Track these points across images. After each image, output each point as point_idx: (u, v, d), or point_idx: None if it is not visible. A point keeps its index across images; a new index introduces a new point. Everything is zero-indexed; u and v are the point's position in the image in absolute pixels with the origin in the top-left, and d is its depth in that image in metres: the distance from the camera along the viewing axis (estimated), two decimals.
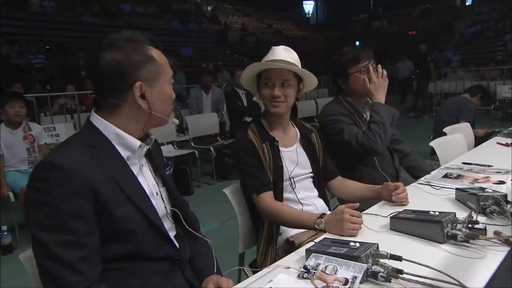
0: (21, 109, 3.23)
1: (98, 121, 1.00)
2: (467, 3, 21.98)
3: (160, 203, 1.08)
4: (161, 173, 1.15)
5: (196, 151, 4.40)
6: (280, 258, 1.16)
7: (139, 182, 1.03)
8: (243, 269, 1.53)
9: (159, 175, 1.13)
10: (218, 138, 5.11)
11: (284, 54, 1.51)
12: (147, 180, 1.07)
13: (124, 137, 1.01)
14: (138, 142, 1.02)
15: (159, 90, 1.02)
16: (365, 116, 1.99)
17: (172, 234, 1.11)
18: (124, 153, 1.01)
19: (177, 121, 1.15)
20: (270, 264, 1.31)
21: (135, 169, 1.03)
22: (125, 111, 1.00)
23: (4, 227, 2.90)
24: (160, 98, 1.03)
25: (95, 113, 1.02)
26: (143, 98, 0.99)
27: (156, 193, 1.08)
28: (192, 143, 4.72)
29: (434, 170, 1.94)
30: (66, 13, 14.39)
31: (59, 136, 4.32)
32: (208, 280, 1.14)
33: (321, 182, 1.67)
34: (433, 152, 3.56)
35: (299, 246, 1.37)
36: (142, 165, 1.07)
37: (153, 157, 1.13)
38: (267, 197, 1.47)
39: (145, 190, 1.03)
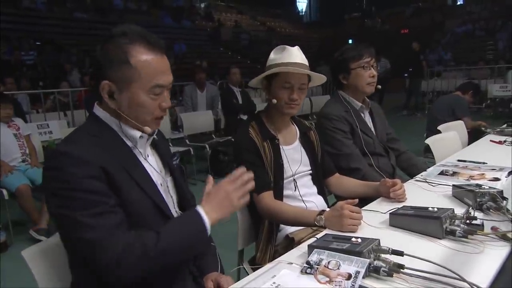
0: (11, 110, 3.34)
1: (101, 113, 1.03)
2: (458, 2, 22.16)
3: (166, 193, 1.09)
4: (168, 162, 1.16)
5: (191, 149, 4.40)
6: (279, 255, 1.17)
7: (145, 169, 1.04)
8: (244, 267, 1.54)
9: (166, 166, 1.14)
10: (213, 135, 5.11)
11: (300, 56, 1.51)
12: (153, 169, 1.08)
13: (124, 127, 1.02)
14: (138, 133, 1.03)
15: (130, 96, 0.99)
16: (362, 115, 2.02)
17: None
18: (128, 142, 1.03)
19: (149, 130, 1.10)
20: (269, 261, 1.33)
21: (140, 158, 1.05)
22: (107, 106, 1.01)
23: None
24: (129, 103, 1.00)
25: (97, 104, 1.04)
26: (112, 97, 1.00)
27: (161, 183, 1.09)
28: (187, 141, 4.71)
29: (428, 167, 1.97)
30: (57, 9, 14.19)
31: (52, 134, 4.29)
32: (208, 278, 1.15)
33: (320, 179, 1.68)
34: (426, 150, 3.62)
35: (299, 242, 1.39)
36: (148, 155, 1.08)
37: (160, 147, 1.14)
38: (267, 196, 1.47)
39: (150, 176, 1.05)
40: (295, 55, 1.50)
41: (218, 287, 1.12)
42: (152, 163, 1.09)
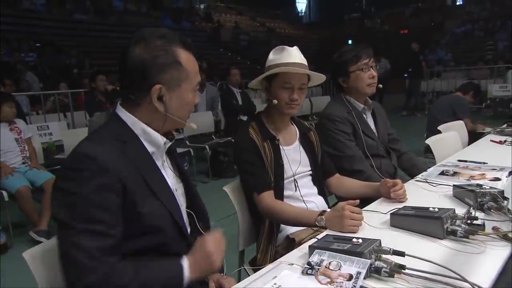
0: (14, 109, 3.34)
1: (125, 115, 1.02)
2: (457, 3, 22.19)
3: (179, 199, 1.09)
4: (181, 167, 1.17)
5: (191, 150, 4.40)
6: (280, 256, 1.17)
7: (164, 178, 1.04)
8: (245, 268, 1.54)
9: (177, 171, 1.15)
10: (213, 136, 5.11)
11: (299, 56, 1.51)
12: (169, 176, 1.08)
13: (150, 133, 1.02)
14: (164, 139, 1.04)
15: (179, 96, 1.02)
16: (364, 116, 2.02)
17: (188, 230, 1.12)
18: (149, 148, 1.03)
19: (195, 126, 1.15)
20: (270, 262, 1.32)
21: (158, 164, 1.05)
22: (145, 109, 1.01)
23: None
24: (178, 104, 1.02)
25: (120, 106, 1.03)
26: (161, 100, 0.99)
27: (176, 189, 1.09)
28: (187, 142, 4.71)
29: (429, 168, 1.97)
30: (56, 11, 14.21)
31: (52, 135, 4.30)
32: (210, 279, 1.15)
33: (320, 179, 1.68)
34: (426, 150, 3.62)
35: (299, 243, 1.39)
36: (164, 161, 1.09)
37: (174, 153, 1.15)
38: (267, 196, 1.47)
39: (169, 186, 1.05)
40: (294, 55, 1.50)
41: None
42: (168, 170, 1.09)
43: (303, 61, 1.52)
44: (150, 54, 0.97)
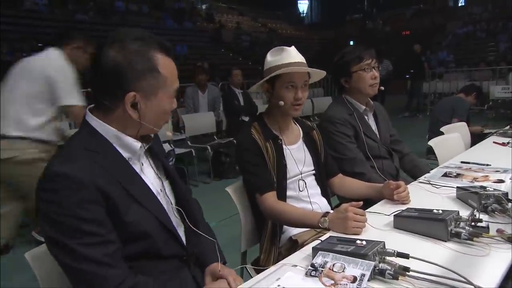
0: None
1: (95, 122, 0.96)
2: (459, 4, 22.19)
3: (165, 200, 1.07)
4: (164, 164, 1.12)
5: (193, 150, 4.39)
6: (283, 257, 1.16)
7: (145, 182, 1.01)
8: (246, 267, 1.53)
9: (161, 169, 1.11)
10: (214, 137, 5.10)
11: (298, 55, 1.52)
12: (150, 178, 1.04)
13: (124, 139, 0.97)
14: (139, 144, 0.99)
15: (155, 104, 0.96)
16: (366, 117, 2.01)
17: (180, 230, 1.10)
18: (125, 154, 0.98)
19: (171, 135, 1.12)
20: (273, 263, 1.32)
21: (137, 169, 1.01)
22: (118, 115, 0.95)
23: None
24: (153, 112, 0.97)
25: (90, 112, 0.97)
26: (135, 107, 0.93)
27: (160, 189, 1.06)
28: (188, 142, 4.70)
29: (431, 169, 1.96)
30: (59, 11, 14.24)
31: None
32: (209, 269, 1.12)
33: (323, 179, 1.68)
34: (429, 151, 3.61)
35: (302, 244, 1.38)
36: (143, 164, 1.04)
37: (154, 151, 1.10)
38: (270, 197, 1.47)
39: (151, 189, 1.01)
40: (294, 54, 1.51)
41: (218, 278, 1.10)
42: (148, 172, 1.05)
43: (303, 59, 1.52)
44: (126, 58, 0.91)
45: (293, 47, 1.53)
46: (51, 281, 1.02)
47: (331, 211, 1.37)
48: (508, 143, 2.48)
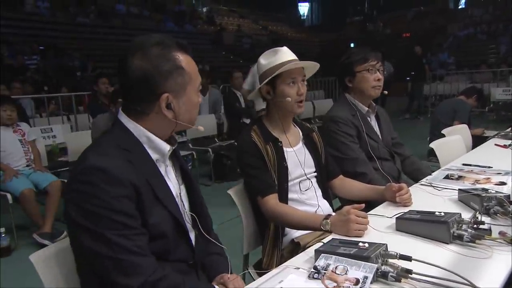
0: (13, 112, 3.29)
1: (129, 123, 1.01)
2: (460, 6, 22.20)
3: (180, 204, 1.09)
4: (184, 168, 1.17)
5: (194, 153, 4.41)
6: (285, 259, 1.17)
7: (168, 184, 1.04)
8: (249, 271, 1.54)
9: (179, 172, 1.15)
10: (216, 139, 5.11)
11: (292, 53, 1.55)
12: (172, 181, 1.08)
13: (155, 140, 1.02)
14: (168, 146, 1.04)
15: (186, 100, 1.02)
16: (368, 119, 2.02)
17: (192, 235, 1.12)
18: (153, 155, 1.02)
19: (202, 128, 1.15)
20: (276, 265, 1.32)
21: (162, 171, 1.05)
22: (152, 118, 1.00)
23: (2, 229, 2.87)
24: (186, 108, 1.03)
25: (123, 112, 1.02)
26: (169, 108, 0.99)
27: (178, 193, 1.09)
28: (190, 145, 4.71)
29: (432, 172, 1.96)
30: (60, 14, 14.29)
31: (56, 138, 4.31)
32: (219, 278, 1.14)
33: (324, 181, 1.68)
34: (430, 153, 3.61)
35: (304, 247, 1.39)
36: (167, 166, 1.08)
37: (176, 154, 1.14)
38: (271, 199, 1.47)
39: (172, 192, 1.05)
40: (289, 53, 1.55)
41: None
42: (171, 175, 1.09)
43: (296, 57, 1.56)
44: (151, 63, 0.96)
45: (284, 47, 1.56)
46: (56, 283, 1.03)
47: (333, 214, 1.37)
48: (509, 145, 2.49)
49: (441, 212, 1.20)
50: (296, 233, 1.52)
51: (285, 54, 1.53)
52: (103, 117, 3.54)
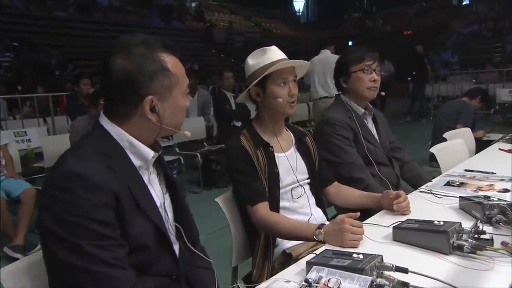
0: None
1: (110, 126, 1.01)
2: (464, 2, 22.50)
3: (164, 214, 1.09)
4: (169, 175, 1.16)
5: (181, 158, 4.39)
6: (276, 271, 1.17)
7: (150, 193, 1.04)
8: (238, 286, 1.54)
9: (164, 182, 1.15)
10: (204, 143, 5.11)
11: (282, 53, 1.56)
12: (155, 189, 1.08)
13: (137, 146, 1.02)
14: (152, 153, 1.04)
15: (172, 103, 1.02)
16: (365, 121, 2.04)
17: (176, 247, 1.12)
18: (136, 162, 1.02)
19: (189, 134, 1.15)
20: (266, 278, 1.32)
21: (145, 179, 1.04)
22: (135, 122, 1.01)
23: None
24: (172, 111, 1.03)
25: (104, 115, 1.02)
26: (153, 111, 0.99)
27: (160, 203, 1.09)
28: (177, 149, 4.70)
29: (433, 178, 1.98)
30: (35, 7, 14.17)
31: (31, 142, 4.27)
32: None
33: (317, 188, 1.69)
34: (431, 158, 3.65)
35: (297, 258, 1.39)
36: (150, 173, 1.08)
37: (161, 161, 1.14)
38: (262, 208, 1.48)
39: (155, 201, 1.05)
40: (279, 52, 1.56)
41: None
42: (154, 184, 1.09)
43: (286, 56, 1.57)
44: (135, 64, 0.96)
45: (273, 46, 1.58)
46: None
47: (327, 223, 1.38)
48: None
49: (440, 221, 1.21)
50: (288, 244, 1.53)
51: (275, 53, 1.54)
52: (83, 120, 3.52)
